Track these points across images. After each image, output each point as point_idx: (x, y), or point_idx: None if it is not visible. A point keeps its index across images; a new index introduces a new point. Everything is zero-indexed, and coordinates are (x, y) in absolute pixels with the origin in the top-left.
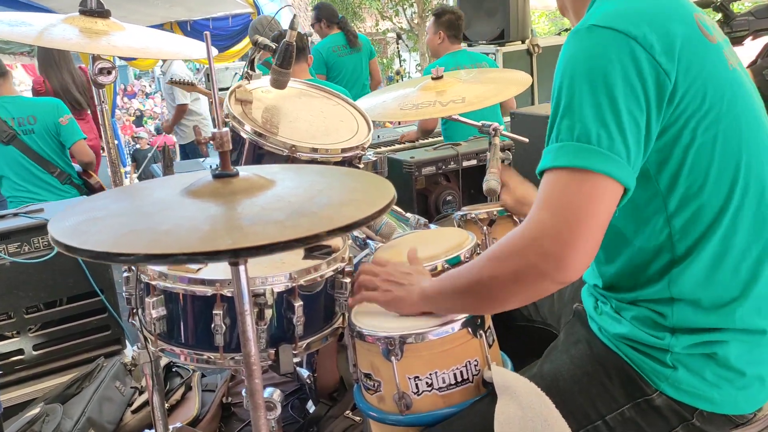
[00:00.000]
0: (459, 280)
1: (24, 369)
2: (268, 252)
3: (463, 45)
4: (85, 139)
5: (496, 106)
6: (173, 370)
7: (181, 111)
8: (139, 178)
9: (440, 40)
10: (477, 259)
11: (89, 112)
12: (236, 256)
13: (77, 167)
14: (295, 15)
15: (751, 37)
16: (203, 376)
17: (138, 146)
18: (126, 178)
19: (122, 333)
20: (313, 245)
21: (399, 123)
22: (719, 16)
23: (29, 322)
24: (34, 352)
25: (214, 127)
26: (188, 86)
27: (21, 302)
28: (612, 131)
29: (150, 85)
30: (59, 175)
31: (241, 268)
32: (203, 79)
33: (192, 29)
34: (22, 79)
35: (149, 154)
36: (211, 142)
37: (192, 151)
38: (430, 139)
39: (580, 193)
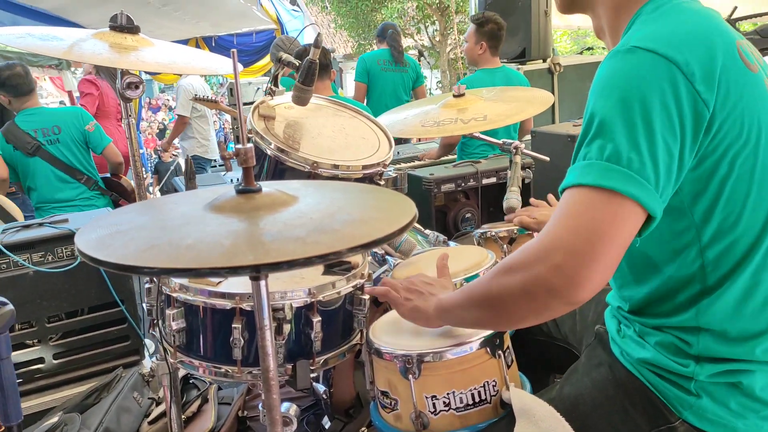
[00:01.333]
0: (472, 292)
1: (43, 378)
2: (288, 268)
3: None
4: (111, 141)
5: (512, 126)
6: (190, 381)
7: (182, 123)
8: (161, 191)
9: (481, 50)
10: (488, 273)
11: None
12: (257, 271)
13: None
14: (319, 33)
15: None
16: (220, 388)
17: (161, 159)
18: (149, 190)
19: (141, 344)
20: (332, 261)
21: (419, 140)
22: None
23: (50, 331)
24: (54, 361)
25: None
26: (212, 103)
27: (43, 311)
28: (644, 155)
29: (173, 99)
30: (86, 181)
31: (262, 283)
32: (226, 93)
33: (217, 45)
34: (51, 92)
35: (171, 167)
36: (235, 157)
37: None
38: (450, 156)
39: (604, 212)
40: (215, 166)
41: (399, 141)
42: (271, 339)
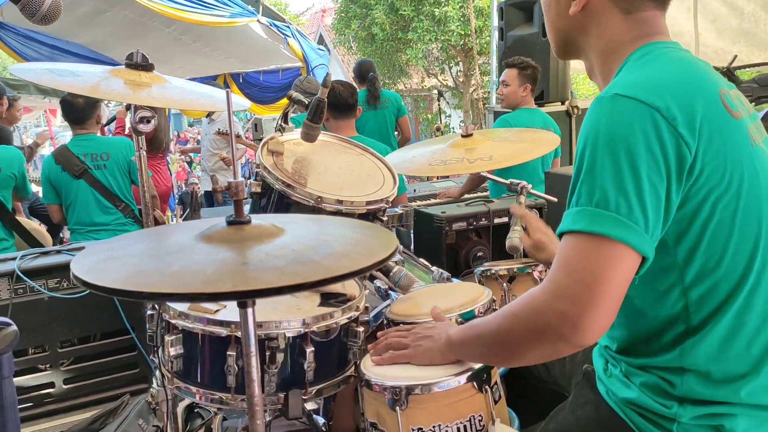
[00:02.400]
0: (480, 331)
1: (53, 402)
2: (264, 295)
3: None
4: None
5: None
6: (195, 411)
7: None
8: (185, 221)
9: (525, 93)
10: (497, 313)
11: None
12: (236, 298)
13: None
14: (328, 73)
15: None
16: (225, 419)
17: (188, 190)
18: (172, 221)
19: (150, 372)
20: (327, 292)
21: (437, 178)
22: None
23: (62, 356)
24: (65, 386)
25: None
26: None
27: (57, 336)
28: (631, 199)
29: (199, 133)
30: (123, 209)
31: (249, 310)
32: (250, 128)
33: (244, 81)
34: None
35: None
36: (227, 191)
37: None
38: (467, 195)
39: (598, 258)
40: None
41: (414, 179)
42: (257, 366)
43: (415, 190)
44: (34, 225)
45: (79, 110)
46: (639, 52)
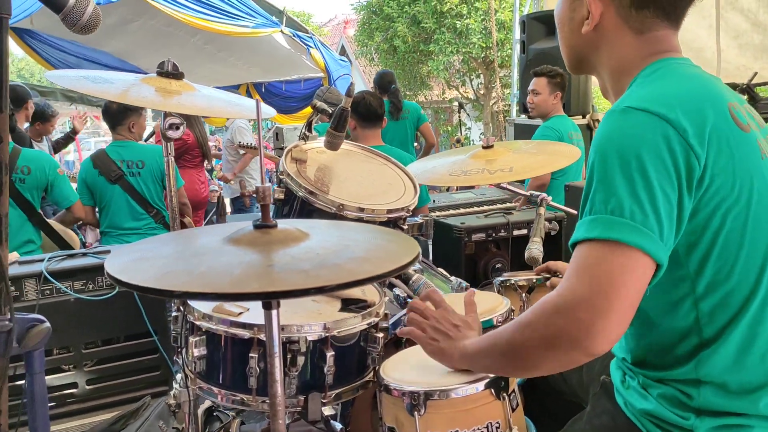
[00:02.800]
0: (494, 342)
1: (75, 403)
2: (289, 296)
3: None
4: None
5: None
6: (214, 414)
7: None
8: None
9: (555, 100)
10: (511, 324)
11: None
12: (262, 298)
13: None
14: (352, 83)
15: None
16: (243, 423)
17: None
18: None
19: (171, 374)
20: (348, 298)
21: (457, 189)
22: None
23: (86, 357)
24: (87, 387)
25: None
26: (254, 150)
27: (81, 337)
28: (645, 207)
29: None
30: (155, 215)
31: (274, 312)
32: (271, 138)
33: (266, 90)
34: (108, 131)
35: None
36: (254, 195)
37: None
38: (485, 207)
39: (613, 264)
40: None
41: (433, 190)
42: (280, 367)
43: (434, 201)
44: (62, 227)
45: (112, 115)
46: (649, 68)
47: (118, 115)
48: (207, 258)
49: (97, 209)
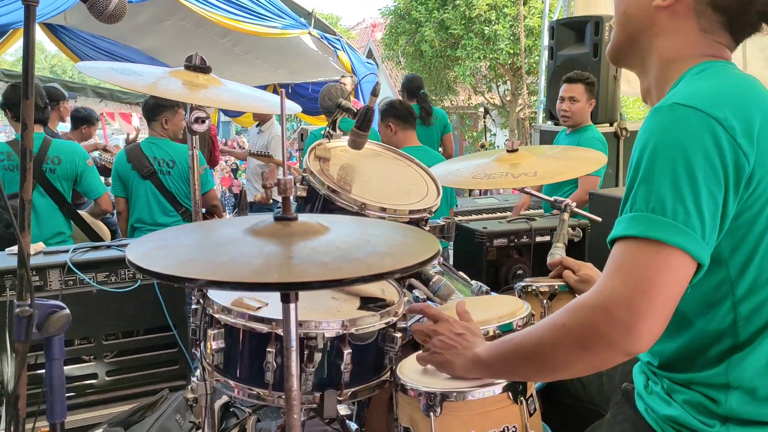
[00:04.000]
0: (518, 345)
1: (95, 393)
2: (308, 288)
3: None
4: (213, 187)
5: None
6: (231, 410)
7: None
8: None
9: (591, 108)
10: (538, 325)
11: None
12: (281, 289)
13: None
14: (378, 82)
15: None
16: (258, 420)
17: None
18: None
19: (189, 369)
20: (367, 297)
21: (480, 193)
22: None
23: (106, 348)
24: (107, 378)
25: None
26: (266, 158)
27: (102, 329)
28: (688, 206)
29: (246, 143)
30: (183, 213)
31: (292, 306)
32: (297, 139)
33: (293, 91)
34: (118, 128)
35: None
36: (276, 187)
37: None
38: (508, 213)
39: (654, 263)
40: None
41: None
42: (296, 361)
43: (458, 205)
44: (92, 219)
45: (148, 110)
46: (698, 67)
47: (153, 110)
48: (228, 248)
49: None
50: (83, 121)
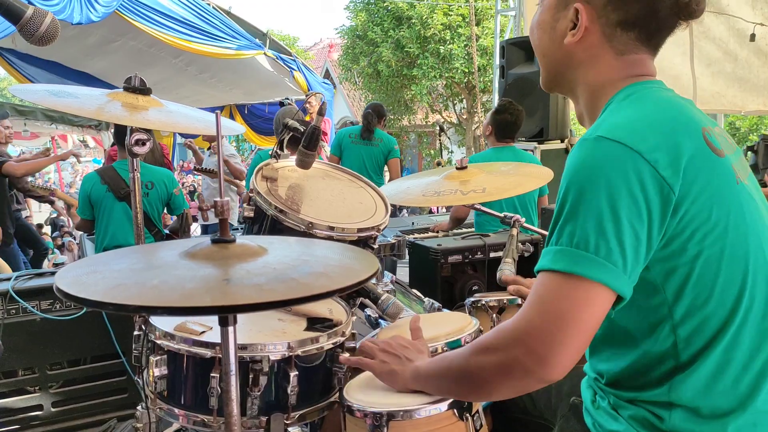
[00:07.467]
0: (449, 365)
1: (40, 425)
2: (241, 311)
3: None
4: (189, 207)
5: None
6: None
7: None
8: None
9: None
10: (466, 348)
11: None
12: (217, 313)
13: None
14: (324, 102)
15: None
16: None
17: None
18: None
19: (138, 397)
20: (314, 317)
21: (437, 210)
22: None
23: (52, 378)
24: (53, 409)
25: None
26: (211, 173)
27: (46, 358)
28: (610, 241)
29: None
30: (156, 234)
31: (230, 329)
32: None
33: (249, 112)
34: (90, 151)
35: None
36: (213, 209)
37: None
38: (463, 229)
39: (572, 298)
40: (236, 228)
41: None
42: (236, 385)
43: (413, 223)
44: None
45: (116, 132)
46: (624, 92)
47: (123, 134)
48: (160, 272)
49: (97, 223)
50: None
